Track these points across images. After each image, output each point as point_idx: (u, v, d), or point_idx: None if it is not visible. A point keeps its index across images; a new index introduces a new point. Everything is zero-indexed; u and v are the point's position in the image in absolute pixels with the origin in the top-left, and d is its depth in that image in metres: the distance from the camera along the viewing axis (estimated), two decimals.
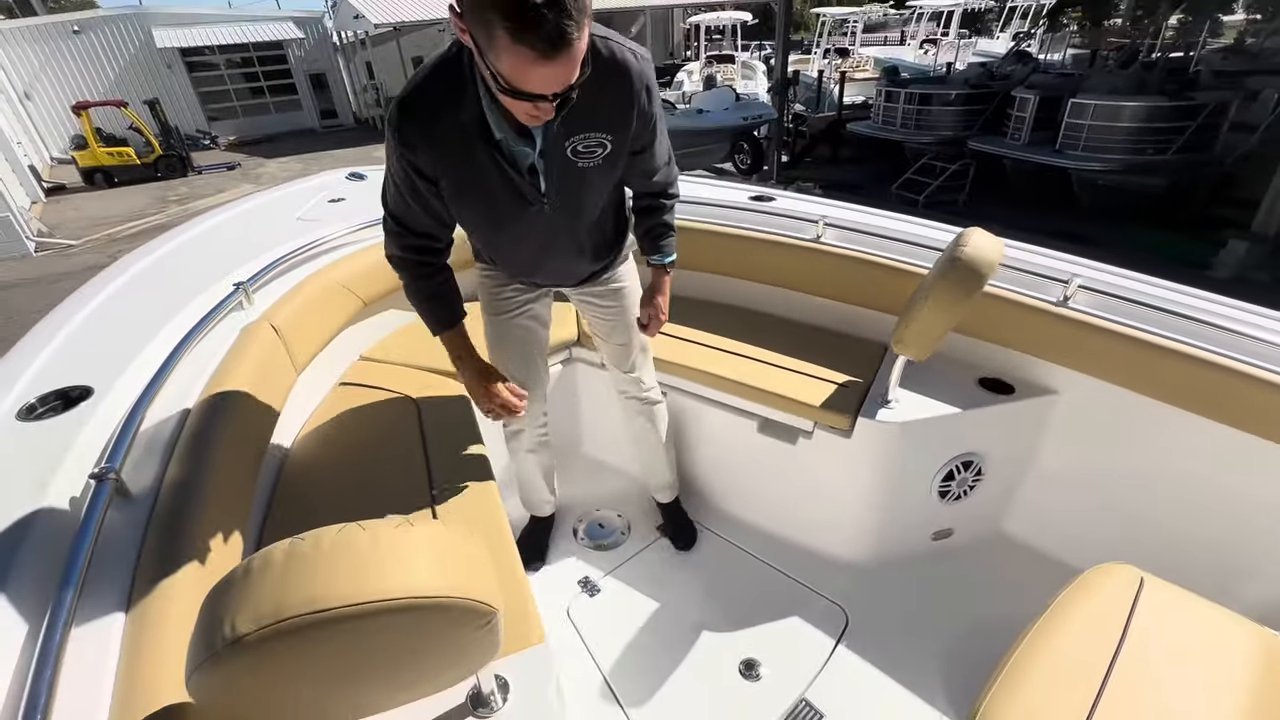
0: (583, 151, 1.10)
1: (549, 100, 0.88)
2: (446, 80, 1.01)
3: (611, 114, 1.08)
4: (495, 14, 0.78)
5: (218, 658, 0.53)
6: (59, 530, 0.87)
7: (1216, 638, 1.01)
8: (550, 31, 0.78)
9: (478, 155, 1.05)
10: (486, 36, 0.81)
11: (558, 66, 0.83)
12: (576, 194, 1.19)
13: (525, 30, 0.78)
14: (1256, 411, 1.37)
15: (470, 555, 0.65)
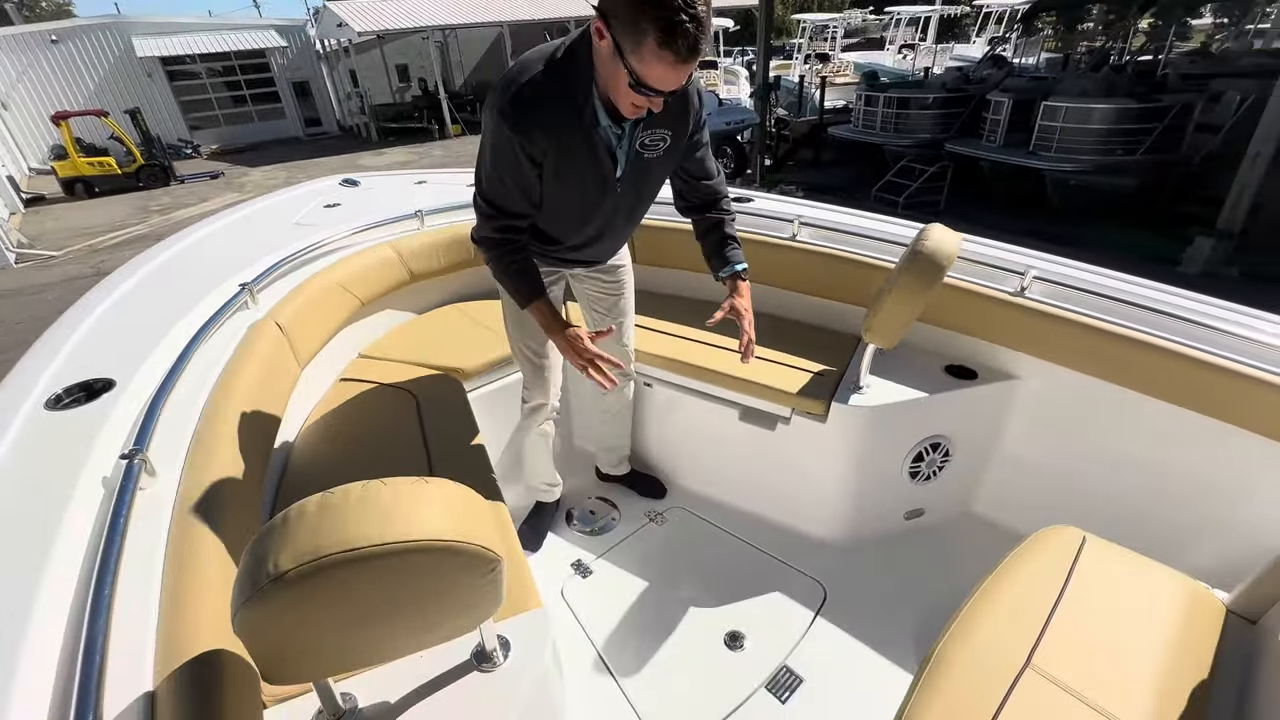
0: (649, 144, 1.30)
1: (667, 97, 1.08)
2: (561, 75, 1.16)
3: (675, 114, 1.28)
4: (650, 24, 0.97)
5: (263, 593, 0.62)
6: (97, 503, 0.95)
7: (1147, 587, 1.12)
8: (690, 42, 0.99)
9: (580, 140, 1.21)
10: (635, 40, 1.00)
11: (684, 70, 1.03)
12: (640, 180, 1.37)
13: (673, 38, 0.97)
14: (1196, 390, 1.49)
15: (477, 509, 0.74)
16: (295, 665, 0.75)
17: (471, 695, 0.96)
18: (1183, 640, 1.04)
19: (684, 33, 0.97)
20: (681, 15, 0.95)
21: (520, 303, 1.40)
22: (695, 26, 0.97)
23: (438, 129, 16.64)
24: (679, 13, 0.95)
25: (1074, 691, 0.93)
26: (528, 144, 1.18)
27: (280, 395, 1.50)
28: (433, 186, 2.72)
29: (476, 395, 1.93)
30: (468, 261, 2.32)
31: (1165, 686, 0.96)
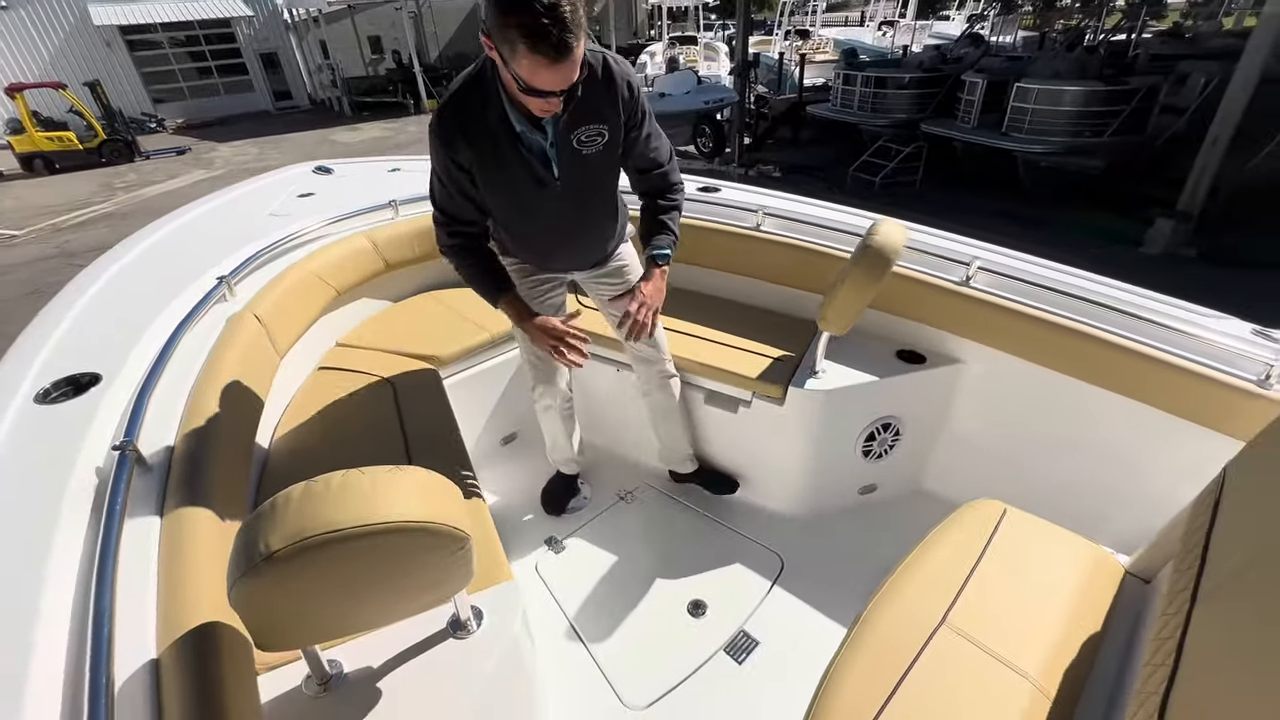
0: (585, 140, 1.34)
1: (557, 96, 1.14)
2: (476, 89, 1.25)
3: (604, 108, 1.32)
4: (515, 30, 1.03)
5: (256, 569, 0.70)
6: (92, 491, 1.02)
7: (1055, 553, 1.25)
8: (556, 42, 1.04)
9: (503, 147, 1.29)
10: (509, 49, 1.07)
11: (562, 68, 1.08)
12: (582, 177, 1.41)
13: (538, 42, 1.03)
14: (1115, 373, 1.63)
15: (447, 493, 0.83)
16: (286, 634, 0.84)
17: (447, 660, 1.06)
18: (1082, 599, 1.17)
19: (547, 34, 1.02)
20: (543, 19, 1.01)
21: (490, 301, 1.47)
22: (559, 28, 1.02)
23: (413, 103, 16.30)
24: (539, 17, 1.01)
25: (982, 645, 1.06)
26: (455, 153, 1.29)
27: (261, 385, 1.56)
28: (406, 174, 2.75)
29: (452, 382, 2.01)
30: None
31: (1062, 639, 1.09)
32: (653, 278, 1.54)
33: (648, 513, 2.14)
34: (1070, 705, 1.00)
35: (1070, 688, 1.02)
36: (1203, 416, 1.52)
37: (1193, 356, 1.52)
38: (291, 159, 11.99)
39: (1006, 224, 7.45)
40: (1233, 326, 1.58)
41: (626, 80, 1.32)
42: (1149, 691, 0.79)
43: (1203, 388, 1.50)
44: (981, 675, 1.02)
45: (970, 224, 7.20)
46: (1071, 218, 7.46)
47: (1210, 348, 1.52)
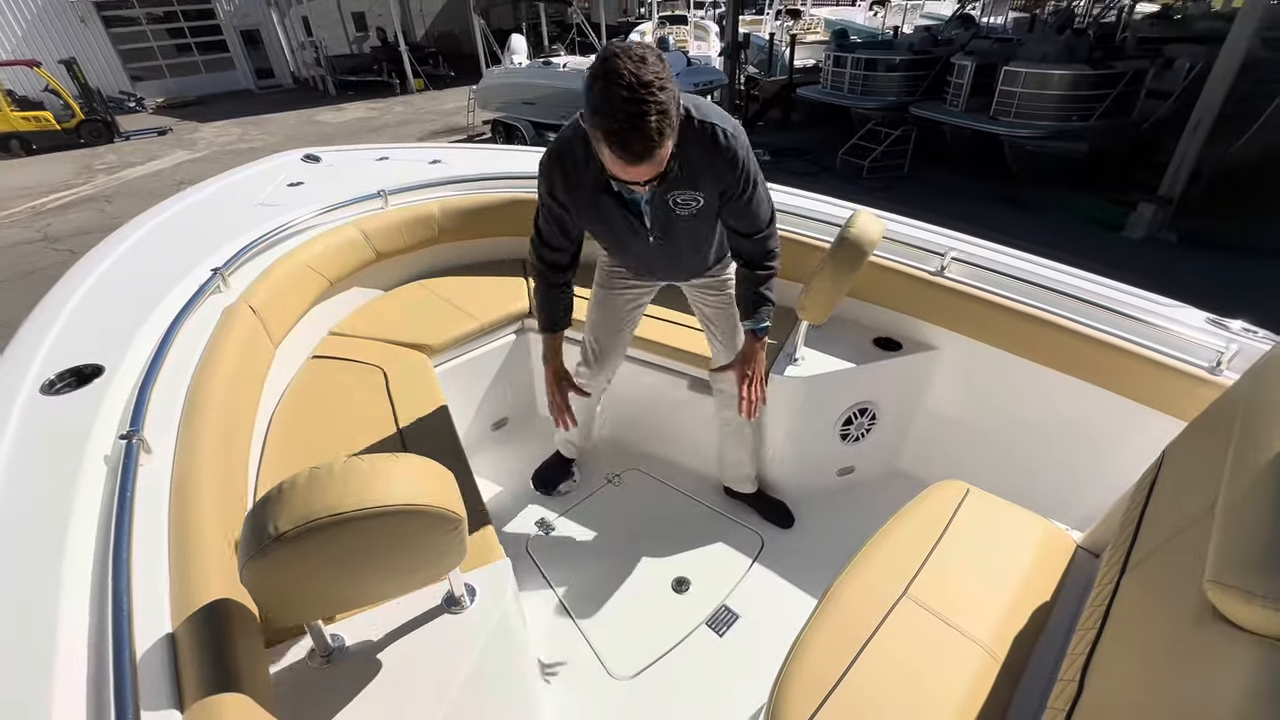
0: (680, 203, 1.37)
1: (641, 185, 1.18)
2: (580, 139, 1.27)
3: (702, 179, 1.31)
4: (601, 132, 1.07)
5: (265, 550, 0.76)
6: (102, 479, 1.08)
7: (1013, 530, 1.34)
8: (639, 151, 1.06)
9: (602, 199, 1.36)
10: (596, 141, 1.10)
11: (643, 168, 1.10)
12: (676, 234, 1.47)
13: (620, 148, 1.06)
14: (1086, 361, 1.71)
15: (441, 478, 0.89)
16: (292, 610, 0.90)
17: (442, 634, 1.13)
18: (1035, 572, 1.26)
19: (629, 143, 1.05)
20: (625, 125, 1.03)
21: (540, 325, 1.65)
22: (642, 140, 1.04)
23: (398, 83, 16.04)
24: (624, 123, 1.03)
25: (940, 615, 1.15)
26: (554, 191, 1.38)
27: (258, 374, 1.61)
28: (394, 163, 2.77)
29: (443, 370, 2.06)
30: (431, 239, 2.42)
31: (1015, 610, 1.18)
32: (754, 352, 1.61)
33: (634, 495, 2.21)
34: (1019, 669, 1.09)
35: (1020, 653, 1.11)
36: (1158, 401, 1.61)
37: (1151, 344, 1.61)
38: (275, 140, 11.83)
39: (992, 208, 7.53)
40: (1189, 316, 1.66)
41: (732, 156, 1.28)
42: (1078, 653, 0.87)
43: (1159, 374, 1.58)
44: (938, 643, 1.10)
45: (956, 208, 7.19)
46: (1054, 201, 7.55)
47: (1168, 336, 1.60)
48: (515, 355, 2.33)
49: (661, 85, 1.03)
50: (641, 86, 1.01)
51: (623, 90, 1.01)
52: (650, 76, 1.02)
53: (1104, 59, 7.80)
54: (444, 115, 13.23)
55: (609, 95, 1.02)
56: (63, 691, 0.77)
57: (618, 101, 1.01)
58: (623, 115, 1.02)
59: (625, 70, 1.01)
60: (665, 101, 1.04)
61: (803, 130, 10.88)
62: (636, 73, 1.01)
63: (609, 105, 1.02)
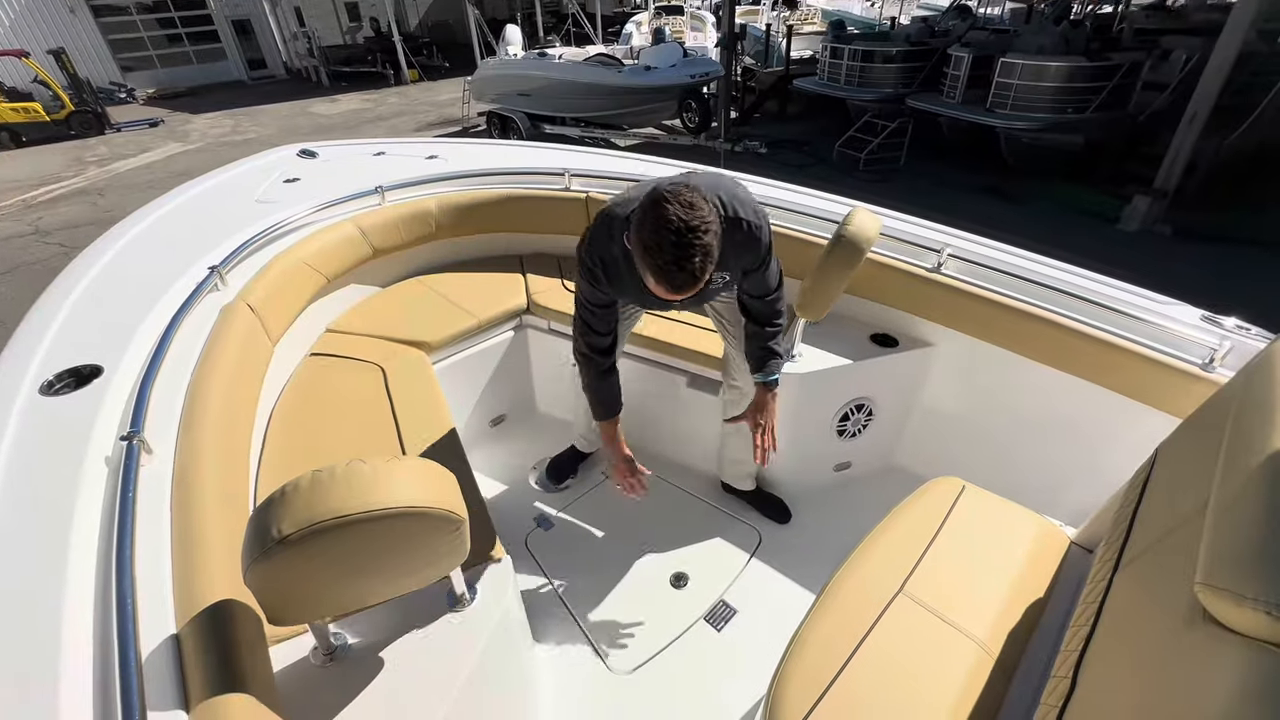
0: (712, 281, 1.43)
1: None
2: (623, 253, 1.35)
3: (731, 262, 1.43)
4: (647, 266, 1.17)
5: (269, 553, 0.77)
6: (103, 481, 1.08)
7: (1007, 527, 1.35)
8: (679, 283, 1.15)
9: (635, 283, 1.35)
10: (641, 266, 1.19)
11: (686, 293, 1.19)
12: (702, 303, 1.68)
13: (664, 280, 1.16)
14: (1080, 358, 1.72)
15: (442, 480, 0.90)
16: (297, 609, 0.91)
17: (444, 632, 1.14)
18: (1029, 569, 1.28)
19: (674, 279, 1.14)
20: (673, 266, 1.12)
21: (595, 415, 1.69)
22: (686, 277, 1.13)
23: (393, 74, 15.90)
24: (671, 264, 1.12)
25: (935, 611, 1.17)
26: (597, 286, 1.46)
27: (256, 372, 1.61)
28: (391, 158, 2.75)
29: (441, 367, 2.07)
30: (428, 235, 2.41)
31: (1009, 606, 1.20)
32: (765, 402, 1.67)
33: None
34: (1013, 665, 1.11)
35: (1014, 649, 1.13)
36: (1152, 397, 1.62)
37: (1145, 341, 1.62)
38: (269, 132, 11.72)
39: (987, 200, 7.54)
40: (1183, 313, 1.68)
41: (757, 242, 1.42)
42: (1070, 650, 0.89)
43: (1153, 370, 1.60)
44: (934, 639, 1.12)
45: (952, 200, 7.19)
46: (1050, 193, 7.56)
47: (1162, 333, 1.62)
48: (513, 351, 2.33)
49: (706, 229, 1.12)
50: (689, 231, 1.10)
51: (671, 235, 1.10)
52: (697, 222, 1.11)
53: (1101, 50, 7.78)
54: (439, 107, 13.13)
55: (659, 237, 1.11)
56: (69, 693, 0.78)
57: (666, 245, 1.11)
58: (670, 257, 1.11)
59: (674, 216, 1.10)
60: (709, 244, 1.12)
61: (799, 122, 10.85)
62: (685, 219, 1.10)
63: (658, 246, 1.12)
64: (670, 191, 1.15)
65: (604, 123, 9.58)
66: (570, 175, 2.51)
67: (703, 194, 1.18)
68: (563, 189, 2.51)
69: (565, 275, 2.44)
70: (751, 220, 1.40)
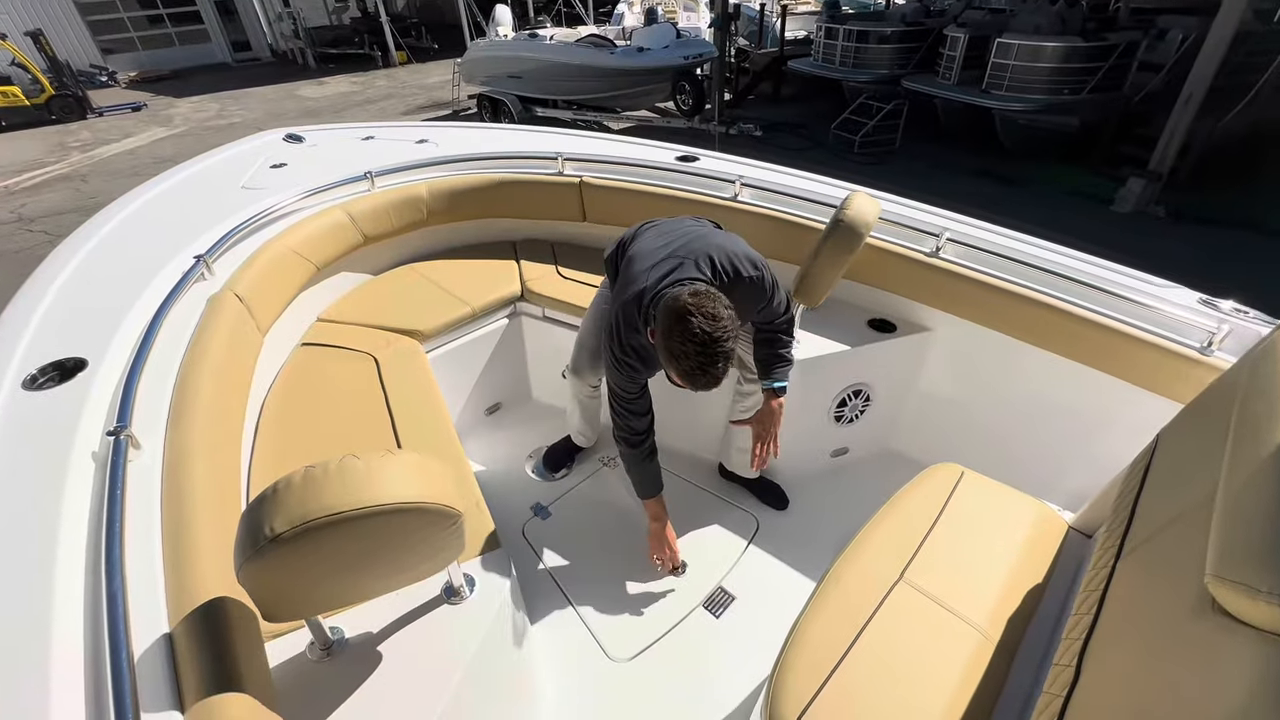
0: None
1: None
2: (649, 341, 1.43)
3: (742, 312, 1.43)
4: (673, 368, 1.28)
5: (261, 551, 0.75)
6: (90, 476, 1.05)
7: (1006, 512, 1.35)
8: (703, 384, 1.27)
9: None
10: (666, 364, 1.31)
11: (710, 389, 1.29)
12: None
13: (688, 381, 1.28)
14: (1078, 342, 1.71)
15: (438, 473, 0.88)
16: (291, 606, 0.90)
17: (442, 625, 1.13)
18: (1028, 554, 1.28)
19: (697, 382, 1.26)
20: (698, 371, 1.23)
21: (640, 494, 1.74)
22: (709, 380, 1.25)
23: (380, 55, 15.61)
24: (697, 370, 1.23)
25: (934, 598, 1.17)
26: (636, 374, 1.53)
27: (246, 363, 1.58)
28: (381, 142, 2.70)
29: (435, 355, 2.04)
30: (420, 221, 2.37)
31: (1008, 591, 1.20)
32: (769, 410, 1.69)
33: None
34: (1012, 650, 1.11)
35: (1013, 634, 1.13)
36: (1150, 381, 1.62)
37: (1143, 325, 1.61)
38: (255, 116, 11.51)
39: (983, 182, 7.50)
40: (1181, 296, 1.67)
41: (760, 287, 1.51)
42: (1074, 638, 0.89)
43: (1151, 354, 1.59)
44: (934, 626, 1.12)
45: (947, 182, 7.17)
46: (1045, 175, 7.53)
47: (1160, 316, 1.61)
48: (508, 339, 2.31)
49: (727, 337, 1.22)
50: (713, 343, 1.21)
51: (696, 347, 1.21)
52: (720, 334, 1.21)
53: (1097, 30, 7.71)
54: (428, 89, 12.92)
55: (685, 348, 1.22)
56: (60, 694, 0.76)
57: (692, 354, 1.22)
58: (696, 364, 1.23)
59: (699, 329, 1.20)
60: (730, 350, 1.24)
61: (794, 104, 10.74)
62: (710, 331, 1.20)
63: (684, 354, 1.23)
64: (692, 304, 1.23)
65: (597, 105, 9.46)
66: (563, 159, 2.47)
67: (722, 300, 1.26)
68: (556, 173, 2.47)
69: (559, 261, 2.41)
70: (753, 275, 1.48)
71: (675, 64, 9.16)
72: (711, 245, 1.48)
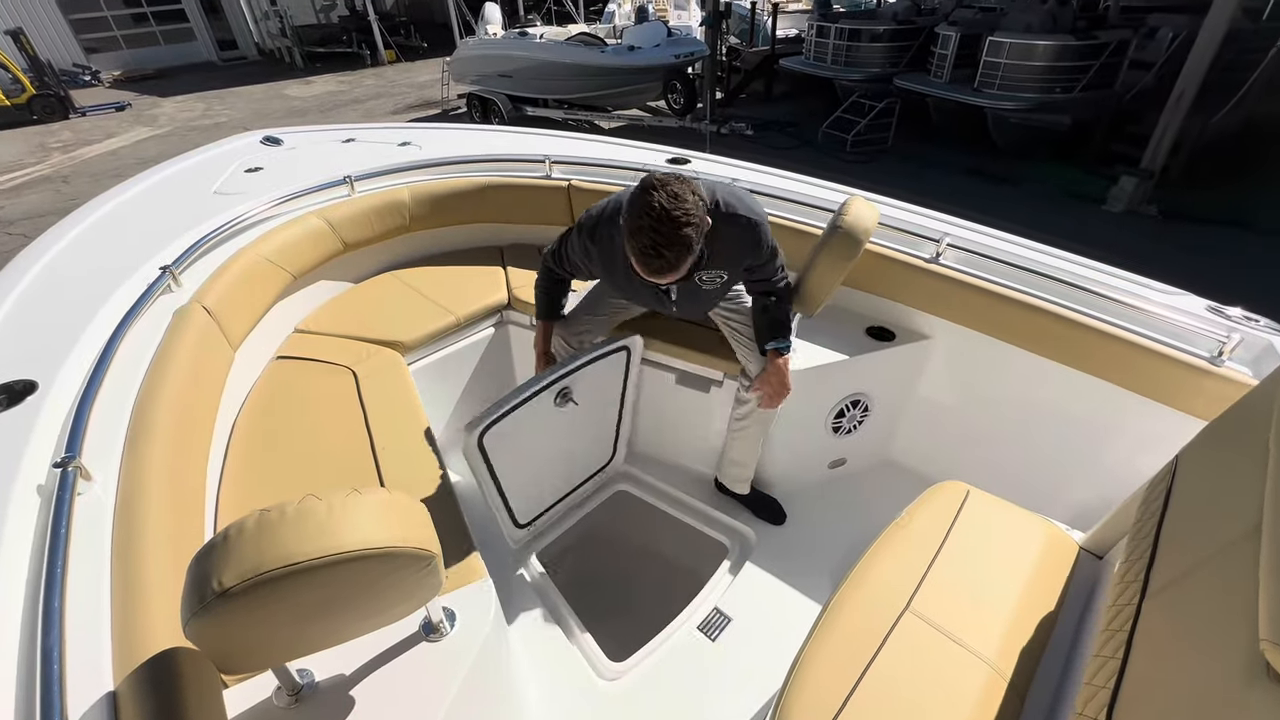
0: (706, 280, 1.54)
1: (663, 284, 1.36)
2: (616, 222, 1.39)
3: (730, 260, 1.50)
4: (631, 249, 1.25)
5: (209, 608, 0.68)
6: (34, 513, 0.97)
7: (1014, 533, 1.29)
8: (655, 268, 1.25)
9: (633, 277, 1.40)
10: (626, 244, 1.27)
11: (662, 278, 1.29)
12: (698, 303, 1.66)
13: (640, 263, 1.26)
14: (1082, 350, 1.66)
15: (410, 513, 0.81)
16: (249, 659, 0.82)
17: (421, 664, 1.06)
18: (1038, 578, 1.22)
19: (649, 264, 1.24)
20: (650, 251, 1.21)
21: (536, 314, 1.77)
22: (661, 264, 1.23)
23: (369, 54, 15.44)
24: (649, 249, 1.21)
25: (943, 629, 1.10)
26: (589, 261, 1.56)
27: (214, 381, 1.50)
28: (362, 145, 2.61)
29: (417, 368, 1.96)
30: (402, 227, 2.29)
31: (1019, 620, 1.14)
32: (775, 369, 1.65)
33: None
34: (1025, 686, 1.05)
35: (1025, 668, 1.07)
36: (1157, 392, 1.57)
37: (1149, 333, 1.56)
38: (241, 115, 11.34)
39: (975, 182, 7.47)
40: (1189, 303, 1.62)
41: (756, 241, 1.47)
42: (1098, 685, 0.82)
43: (1158, 364, 1.54)
44: (943, 660, 1.06)
45: (939, 181, 7.14)
46: (1037, 173, 7.52)
47: (1166, 325, 1.56)
48: (494, 349, 2.23)
49: (687, 221, 1.20)
50: (669, 221, 1.19)
51: (652, 219, 1.19)
52: (679, 214, 1.19)
53: (1088, 29, 7.70)
54: (417, 88, 12.78)
55: (641, 222, 1.20)
56: None
57: (646, 230, 1.20)
58: (648, 243, 1.20)
59: (658, 203, 1.18)
60: (688, 235, 1.20)
61: (785, 103, 10.69)
62: (667, 208, 1.18)
63: (639, 229, 1.21)
64: (661, 180, 1.20)
65: (588, 104, 9.37)
66: (551, 163, 2.39)
67: (693, 187, 1.23)
68: (544, 177, 2.39)
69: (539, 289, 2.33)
70: (749, 218, 1.43)
71: (666, 62, 9.08)
72: (713, 182, 1.45)
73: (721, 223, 1.38)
